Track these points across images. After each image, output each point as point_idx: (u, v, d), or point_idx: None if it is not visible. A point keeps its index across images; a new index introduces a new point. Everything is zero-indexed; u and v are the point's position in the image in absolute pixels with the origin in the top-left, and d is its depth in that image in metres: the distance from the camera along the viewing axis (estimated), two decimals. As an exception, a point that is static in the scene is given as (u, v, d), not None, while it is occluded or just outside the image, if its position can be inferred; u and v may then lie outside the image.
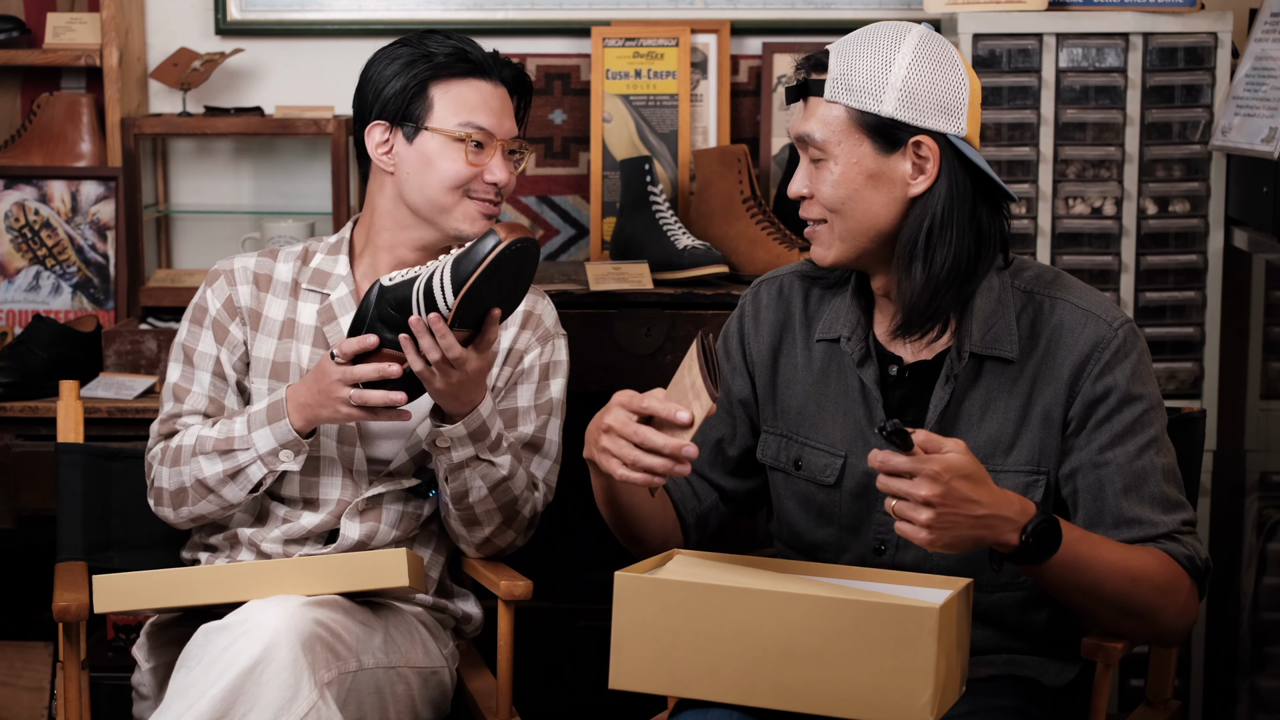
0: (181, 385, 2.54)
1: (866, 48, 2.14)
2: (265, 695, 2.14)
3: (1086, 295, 2.22)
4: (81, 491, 2.65)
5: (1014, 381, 2.19)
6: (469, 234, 2.49)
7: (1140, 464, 2.16)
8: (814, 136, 2.15)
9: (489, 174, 2.49)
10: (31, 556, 3.21)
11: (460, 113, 2.49)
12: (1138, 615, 2.13)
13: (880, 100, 2.12)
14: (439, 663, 2.48)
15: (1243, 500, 3.28)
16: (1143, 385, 2.18)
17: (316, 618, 2.22)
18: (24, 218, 3.46)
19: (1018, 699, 2.18)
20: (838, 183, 2.15)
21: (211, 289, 2.56)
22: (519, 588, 2.44)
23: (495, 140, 2.50)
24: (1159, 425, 2.19)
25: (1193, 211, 3.14)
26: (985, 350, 2.18)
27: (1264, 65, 2.95)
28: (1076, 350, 2.17)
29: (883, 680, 1.94)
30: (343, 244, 2.59)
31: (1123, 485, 2.15)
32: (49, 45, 3.42)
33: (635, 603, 2.02)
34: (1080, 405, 2.17)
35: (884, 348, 2.25)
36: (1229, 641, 3.26)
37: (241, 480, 2.44)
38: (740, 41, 3.50)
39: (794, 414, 2.30)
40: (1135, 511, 2.15)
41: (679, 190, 3.43)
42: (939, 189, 2.13)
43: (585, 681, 3.25)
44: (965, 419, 2.19)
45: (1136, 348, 2.19)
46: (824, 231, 2.19)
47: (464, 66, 2.50)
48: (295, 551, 2.49)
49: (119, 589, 2.33)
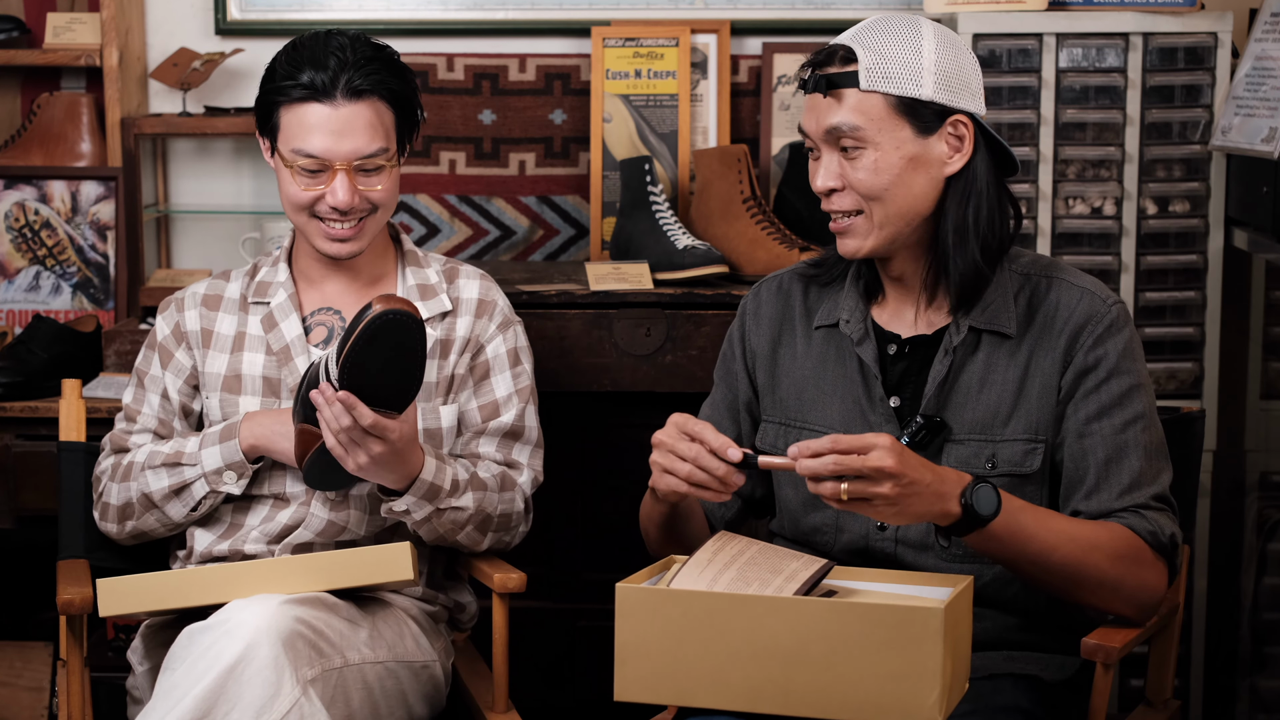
0: (133, 407, 2.61)
1: (891, 36, 2.18)
2: (247, 693, 2.15)
3: (1082, 276, 2.27)
4: (83, 490, 2.65)
5: (1012, 355, 2.23)
6: (325, 252, 2.53)
7: (1124, 438, 2.19)
8: (850, 126, 2.17)
9: (329, 197, 2.47)
10: (31, 556, 3.21)
11: (293, 138, 2.48)
12: (1092, 587, 2.15)
13: (919, 84, 2.16)
14: (430, 656, 2.48)
15: (1243, 500, 3.28)
16: (1132, 362, 2.22)
17: (298, 615, 2.23)
18: (24, 218, 3.46)
19: (1018, 698, 2.18)
20: (878, 169, 2.18)
21: (162, 316, 2.64)
22: (513, 580, 2.45)
23: (334, 166, 2.47)
24: (1146, 403, 2.23)
25: (1193, 211, 3.14)
26: (984, 325, 2.23)
27: (1264, 65, 2.95)
28: (1072, 322, 2.21)
29: (889, 682, 1.94)
30: (283, 253, 2.63)
31: (1104, 456, 2.19)
32: (49, 45, 3.42)
33: (637, 614, 2.01)
34: (1072, 374, 2.21)
35: (882, 328, 2.28)
36: (1229, 641, 3.26)
37: (185, 497, 2.49)
38: (740, 41, 3.50)
39: (793, 400, 2.33)
40: (1110, 482, 2.19)
41: (679, 190, 3.43)
42: (975, 166, 2.20)
43: (585, 681, 3.25)
44: (964, 390, 2.23)
45: (1128, 326, 2.24)
46: (860, 222, 2.21)
47: (301, 91, 2.47)
48: (275, 549, 2.50)
49: (123, 592, 2.33)
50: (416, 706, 2.44)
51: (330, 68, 2.46)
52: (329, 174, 2.47)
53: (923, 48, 2.17)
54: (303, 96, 2.47)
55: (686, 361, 3.05)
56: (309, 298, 2.60)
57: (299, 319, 2.57)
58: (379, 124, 2.49)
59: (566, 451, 2.99)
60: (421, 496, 2.41)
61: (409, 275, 2.61)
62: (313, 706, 2.19)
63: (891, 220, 2.20)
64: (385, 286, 2.61)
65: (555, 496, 2.61)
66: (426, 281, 2.61)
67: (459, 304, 2.61)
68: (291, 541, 2.49)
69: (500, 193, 3.51)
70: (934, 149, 2.19)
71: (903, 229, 2.21)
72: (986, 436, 2.21)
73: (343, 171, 2.46)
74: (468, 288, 2.62)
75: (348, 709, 2.30)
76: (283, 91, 2.48)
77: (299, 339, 2.55)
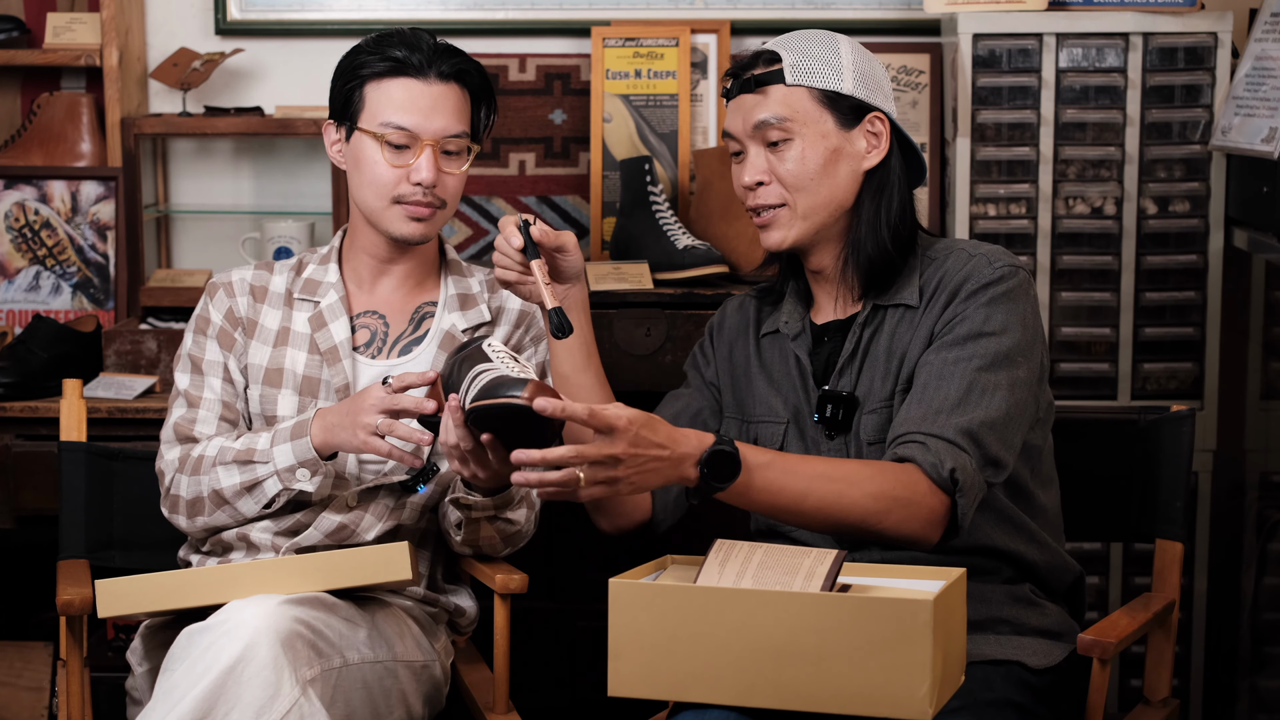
0: (193, 393, 2.56)
1: (812, 41, 2.34)
2: (247, 694, 2.15)
3: (985, 246, 2.34)
4: (84, 490, 2.65)
5: (916, 325, 2.31)
6: (403, 236, 2.52)
7: (952, 369, 2.22)
8: (778, 117, 2.30)
9: (414, 174, 2.48)
10: (31, 557, 3.21)
11: (383, 112, 2.50)
12: (854, 522, 2.16)
13: (840, 80, 2.31)
14: (430, 656, 2.48)
15: (1243, 500, 3.28)
16: (1004, 316, 2.25)
17: (297, 615, 2.23)
18: (24, 218, 3.46)
19: (1009, 691, 2.20)
20: (804, 159, 2.31)
21: (213, 302, 2.61)
22: (514, 582, 2.45)
23: (421, 140, 2.49)
24: (997, 352, 2.23)
25: (1193, 211, 3.14)
26: (888, 301, 2.33)
27: (1264, 65, 2.95)
28: (955, 279, 2.29)
29: (880, 675, 1.94)
30: (332, 253, 2.63)
31: (924, 379, 2.24)
32: (49, 45, 3.42)
33: (631, 609, 2.02)
34: (941, 322, 2.27)
35: (817, 325, 2.41)
36: (1229, 641, 3.27)
37: (257, 494, 2.46)
38: (740, 41, 3.50)
39: (747, 399, 2.45)
40: (919, 403, 2.22)
41: (679, 190, 3.43)
42: (892, 162, 2.34)
43: (585, 681, 3.25)
44: (875, 363, 2.32)
45: (1019, 289, 2.27)
46: (784, 214, 2.34)
47: (391, 65, 2.49)
48: (284, 543, 2.50)
49: (122, 593, 2.33)
50: (416, 706, 2.44)
51: (424, 48, 2.50)
52: (415, 149, 2.49)
53: (840, 50, 2.33)
54: (393, 70, 2.49)
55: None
56: (357, 300, 2.60)
57: (348, 321, 2.57)
58: (464, 108, 2.53)
59: (566, 451, 2.99)
60: (496, 503, 2.42)
61: (451, 284, 2.62)
62: (312, 707, 2.19)
63: (815, 210, 2.32)
64: (430, 293, 2.62)
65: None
66: (468, 291, 2.62)
67: (500, 314, 2.62)
68: (299, 542, 2.49)
69: (500, 193, 3.51)
70: (855, 143, 2.32)
71: (825, 220, 2.33)
72: (895, 403, 2.29)
73: (430, 147, 2.48)
74: (511, 298, 2.64)
75: (347, 709, 2.30)
76: (370, 66, 2.50)
77: (346, 341, 2.55)
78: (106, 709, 2.92)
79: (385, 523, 2.52)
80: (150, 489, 2.62)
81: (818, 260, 2.37)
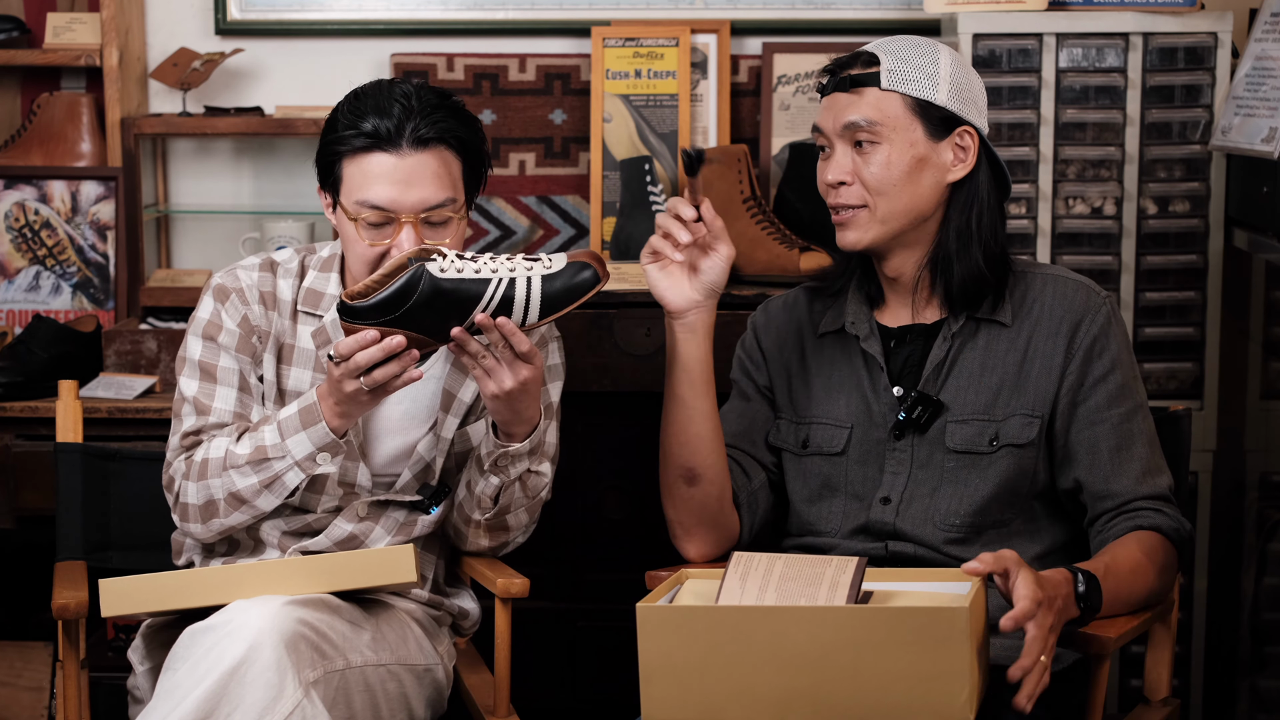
0: (202, 400, 2.48)
1: (913, 49, 2.35)
2: (249, 695, 2.14)
3: (1073, 273, 2.41)
4: (81, 491, 2.65)
5: (1011, 341, 2.35)
6: None
7: (1129, 427, 2.33)
8: (868, 121, 2.32)
9: (396, 249, 2.38)
10: (31, 556, 3.21)
11: (356, 190, 2.38)
12: (1151, 600, 2.31)
13: (935, 91, 2.32)
14: (433, 659, 2.48)
15: (1243, 500, 3.28)
16: (1129, 354, 2.37)
17: (300, 617, 2.22)
18: (24, 218, 3.46)
19: (1009, 691, 2.18)
20: (889, 164, 2.32)
21: (224, 308, 2.51)
22: (516, 585, 2.45)
23: (400, 218, 2.37)
24: (1142, 395, 2.37)
25: (1193, 212, 3.14)
26: (983, 315, 2.36)
27: (1264, 65, 2.95)
28: (1073, 310, 2.35)
29: (919, 685, 1.94)
30: (335, 260, 2.55)
31: (1115, 444, 2.32)
32: (49, 45, 3.42)
33: (660, 634, 2.00)
34: (1079, 360, 2.33)
35: (886, 327, 2.41)
36: (1229, 641, 3.27)
37: (277, 488, 2.40)
38: (740, 41, 3.50)
39: (803, 401, 2.45)
40: (1123, 470, 2.31)
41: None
42: (979, 177, 2.35)
43: (585, 682, 3.25)
44: (965, 374, 2.35)
45: (1119, 320, 2.38)
46: (863, 215, 2.34)
47: (364, 140, 2.37)
48: (291, 544, 2.49)
49: (125, 592, 2.32)
50: (418, 709, 2.44)
51: (395, 115, 2.37)
52: (395, 226, 2.38)
53: (940, 60, 2.34)
54: (366, 146, 2.37)
55: (686, 361, 3.05)
56: None
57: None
58: (446, 173, 2.40)
59: (566, 451, 2.98)
60: (530, 450, 2.40)
61: None
62: (315, 708, 2.18)
63: (895, 216, 2.33)
64: None
65: (555, 496, 2.60)
66: None
67: None
68: (306, 545, 2.48)
69: (500, 193, 3.51)
70: (941, 154, 2.33)
71: (903, 226, 2.34)
72: (989, 417, 2.33)
73: (409, 224, 2.37)
74: None
75: (349, 711, 2.29)
76: (344, 142, 2.39)
77: None
78: (107, 709, 2.92)
79: (395, 537, 2.51)
80: (147, 489, 2.62)
81: (896, 265, 2.38)
